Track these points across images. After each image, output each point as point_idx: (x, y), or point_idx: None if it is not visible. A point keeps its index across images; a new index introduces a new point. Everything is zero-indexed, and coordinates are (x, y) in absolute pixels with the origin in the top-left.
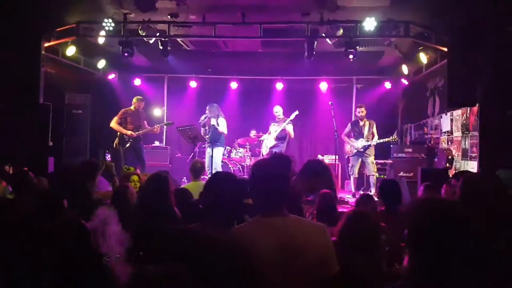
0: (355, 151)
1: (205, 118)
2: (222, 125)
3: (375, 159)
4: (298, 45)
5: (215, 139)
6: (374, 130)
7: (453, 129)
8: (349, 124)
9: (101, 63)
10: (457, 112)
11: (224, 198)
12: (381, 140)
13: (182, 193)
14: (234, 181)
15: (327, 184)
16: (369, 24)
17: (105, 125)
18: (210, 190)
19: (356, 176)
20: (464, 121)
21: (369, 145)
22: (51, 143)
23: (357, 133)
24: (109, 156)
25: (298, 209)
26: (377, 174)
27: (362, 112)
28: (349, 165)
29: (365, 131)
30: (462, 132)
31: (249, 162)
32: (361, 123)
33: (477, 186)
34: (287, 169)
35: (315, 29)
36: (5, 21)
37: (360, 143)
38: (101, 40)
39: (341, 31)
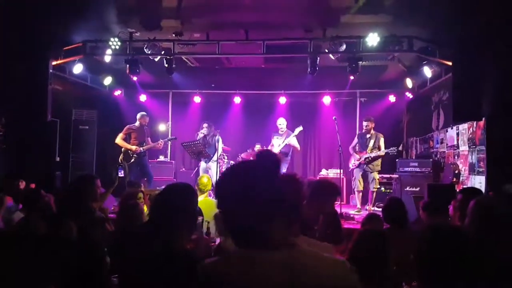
0: (357, 163)
1: (202, 135)
2: (220, 145)
3: (382, 173)
4: (301, 60)
5: (212, 154)
6: (381, 143)
7: (459, 143)
8: (356, 136)
9: (108, 80)
10: (463, 126)
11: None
12: (374, 154)
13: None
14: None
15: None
16: (372, 39)
17: (111, 140)
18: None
19: (360, 189)
20: (470, 135)
21: (370, 159)
22: (58, 159)
23: (362, 145)
24: (122, 172)
25: (311, 231)
26: (377, 188)
27: (367, 126)
28: (353, 178)
29: (370, 144)
30: (469, 146)
31: None
32: (368, 136)
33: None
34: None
35: (317, 45)
36: (14, 40)
37: (361, 155)
38: (107, 58)
39: (344, 46)
